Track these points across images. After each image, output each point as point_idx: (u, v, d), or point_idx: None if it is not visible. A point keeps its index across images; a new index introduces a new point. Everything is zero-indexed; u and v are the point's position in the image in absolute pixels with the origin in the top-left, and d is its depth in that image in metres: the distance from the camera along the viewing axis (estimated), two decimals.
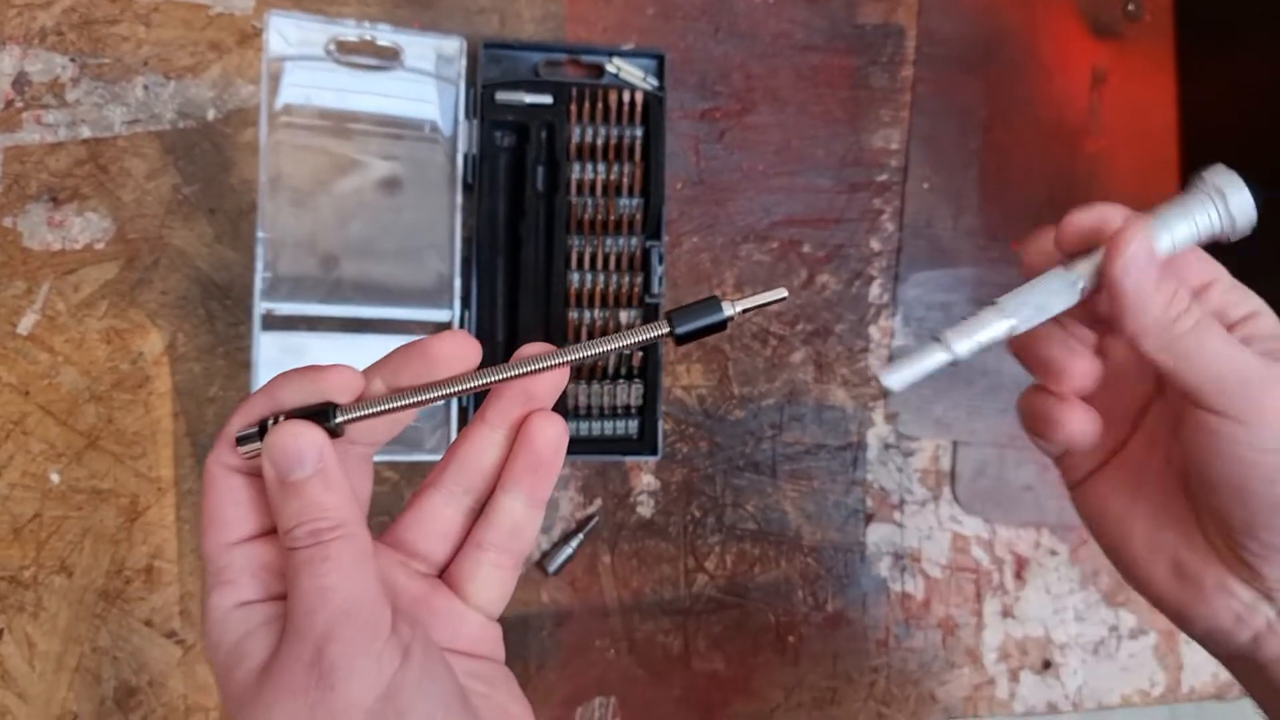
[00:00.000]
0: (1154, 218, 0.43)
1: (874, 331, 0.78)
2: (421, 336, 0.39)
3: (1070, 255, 0.44)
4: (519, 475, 0.41)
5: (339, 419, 0.37)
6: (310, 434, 0.37)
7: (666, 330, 0.38)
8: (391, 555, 0.42)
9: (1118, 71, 0.83)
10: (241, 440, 0.37)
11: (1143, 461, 0.48)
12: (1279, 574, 0.43)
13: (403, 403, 0.38)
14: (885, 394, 0.41)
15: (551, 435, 0.41)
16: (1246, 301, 0.46)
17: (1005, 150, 0.81)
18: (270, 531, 0.39)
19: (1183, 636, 0.81)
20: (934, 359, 0.41)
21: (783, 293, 0.38)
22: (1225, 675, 0.82)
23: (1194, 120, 0.84)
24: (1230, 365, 0.42)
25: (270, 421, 0.37)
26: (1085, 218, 0.44)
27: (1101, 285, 0.43)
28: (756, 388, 0.76)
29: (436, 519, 0.42)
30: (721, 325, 0.39)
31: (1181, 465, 0.47)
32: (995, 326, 0.42)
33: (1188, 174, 0.83)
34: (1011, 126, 0.81)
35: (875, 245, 0.79)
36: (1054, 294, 0.42)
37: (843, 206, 0.78)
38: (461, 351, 0.38)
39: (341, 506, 0.37)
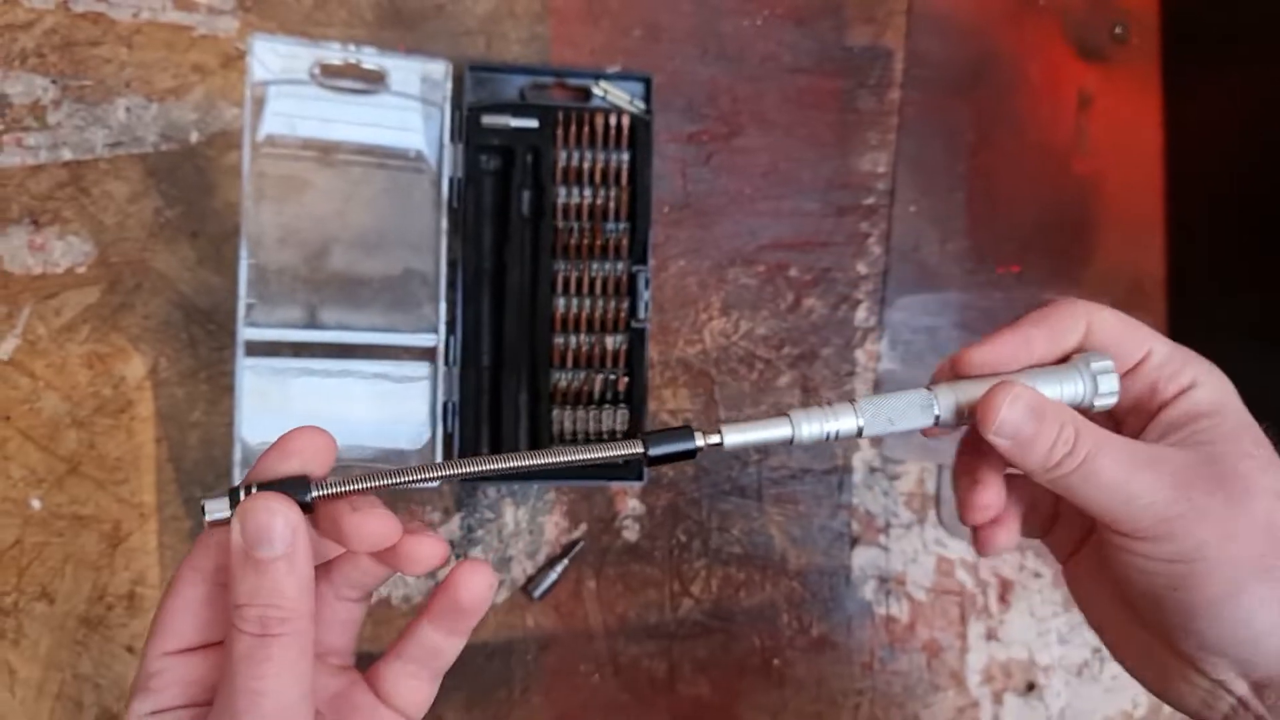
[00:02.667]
0: (1026, 376, 0.44)
1: (860, 355, 0.78)
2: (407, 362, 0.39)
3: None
4: (439, 614, 0.41)
5: (314, 494, 0.37)
6: (287, 511, 0.36)
7: (640, 450, 0.39)
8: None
9: (1105, 94, 0.83)
10: (210, 508, 0.36)
11: (1104, 552, 0.48)
12: (1222, 671, 0.44)
13: (380, 483, 0.38)
14: (715, 446, 0.42)
15: (477, 589, 0.40)
16: (1185, 371, 0.46)
17: (993, 173, 0.81)
18: (209, 645, 0.39)
19: None
20: (776, 433, 0.43)
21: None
22: None
23: (1180, 142, 0.84)
24: (1124, 493, 0.43)
25: (243, 491, 0.36)
26: (979, 360, 0.45)
27: (961, 420, 0.44)
28: (742, 412, 0.76)
29: (337, 615, 0.42)
30: (691, 454, 0.41)
31: None
32: (843, 422, 0.43)
33: (1174, 195, 0.83)
34: (999, 149, 0.81)
35: (862, 269, 0.79)
36: (908, 413, 0.43)
37: (830, 230, 0.78)
38: (314, 444, 0.39)
39: (299, 597, 0.36)
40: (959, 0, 0.81)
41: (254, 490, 0.36)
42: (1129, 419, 0.48)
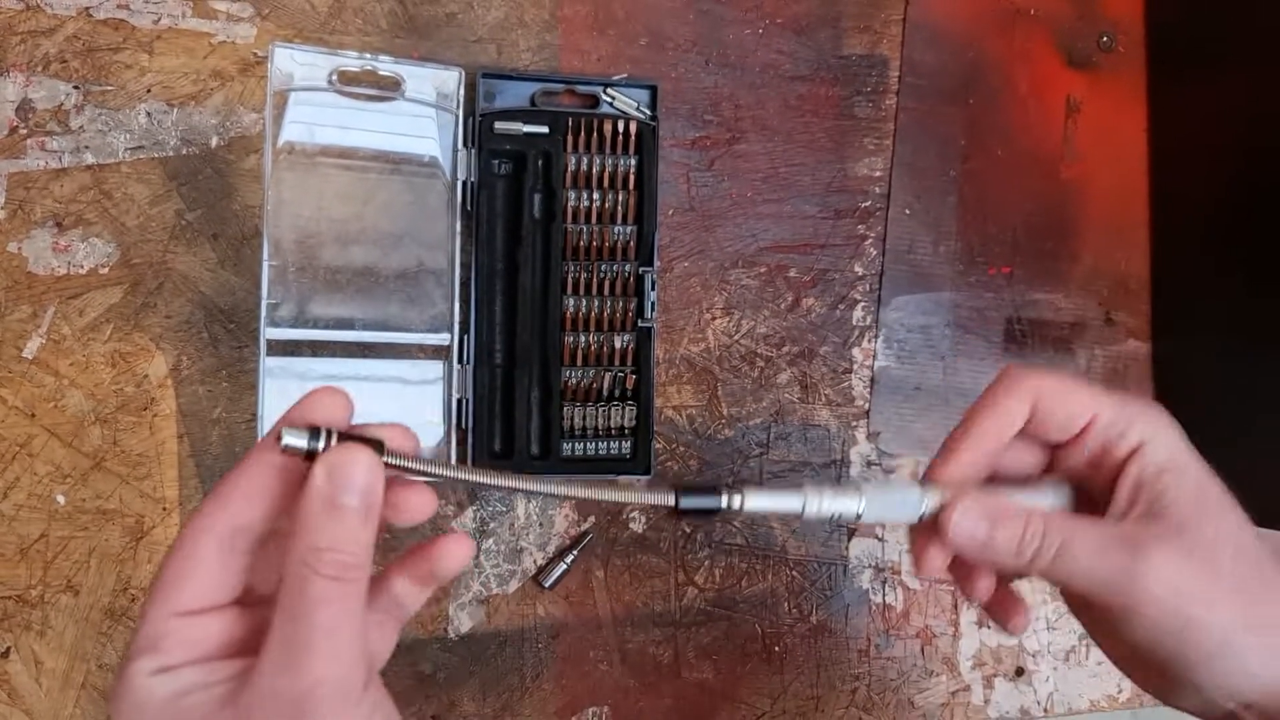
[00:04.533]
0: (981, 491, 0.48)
1: (857, 353, 0.81)
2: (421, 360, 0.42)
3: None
4: (417, 571, 0.44)
5: (385, 459, 0.38)
6: (372, 464, 0.38)
7: (672, 503, 0.44)
8: None
9: (1092, 101, 0.86)
10: (289, 438, 0.37)
11: None
12: (1220, 701, 0.46)
13: (442, 472, 0.40)
14: (736, 511, 0.46)
15: (458, 559, 0.44)
16: (1132, 430, 0.48)
17: (984, 177, 0.84)
18: (219, 607, 0.39)
19: None
20: (788, 505, 0.46)
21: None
22: None
23: (1164, 148, 0.87)
24: (1101, 577, 0.46)
25: (325, 434, 0.38)
26: (945, 478, 0.49)
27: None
28: (744, 408, 0.79)
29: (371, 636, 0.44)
30: (715, 512, 0.44)
31: None
32: (845, 505, 0.47)
33: (1158, 199, 0.86)
34: (990, 154, 0.84)
35: (858, 270, 0.82)
36: (901, 508, 0.48)
37: (828, 232, 0.81)
38: (336, 403, 0.41)
39: (368, 549, 0.38)
40: (952, 10, 0.84)
41: (334, 438, 0.38)
42: (1092, 486, 0.51)
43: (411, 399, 0.71)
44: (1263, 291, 0.77)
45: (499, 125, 0.72)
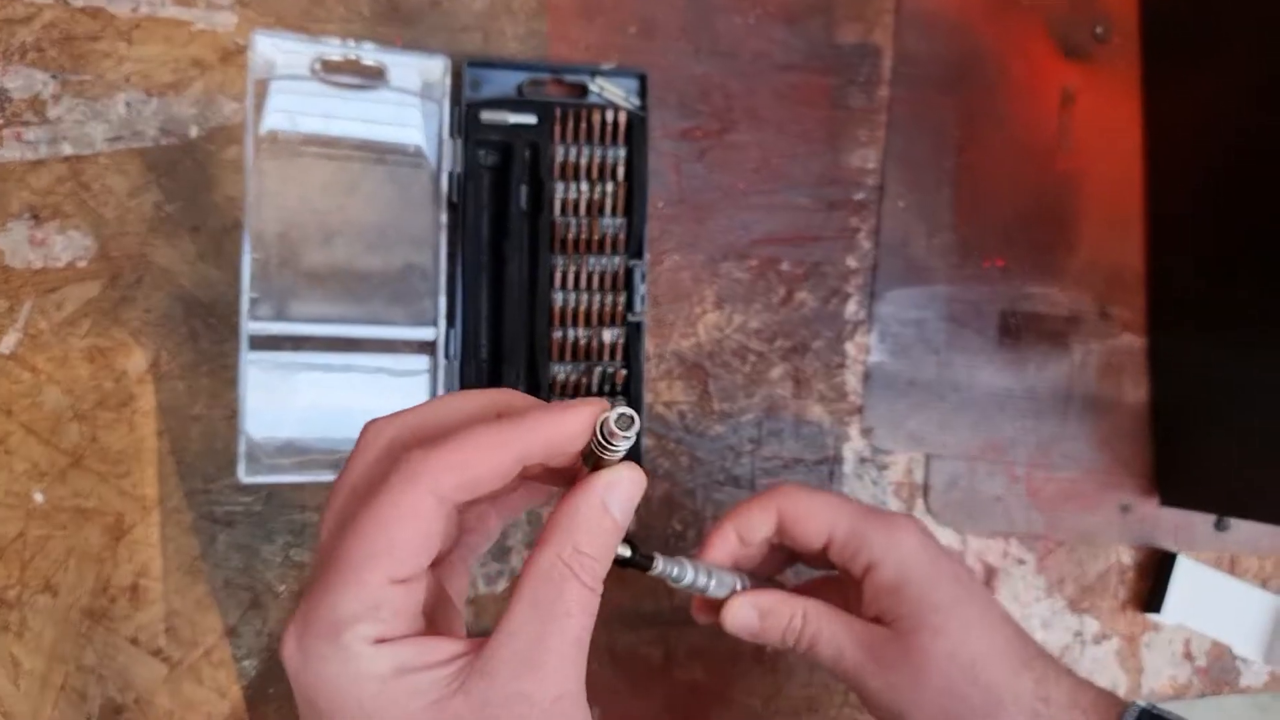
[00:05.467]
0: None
1: (850, 348, 0.80)
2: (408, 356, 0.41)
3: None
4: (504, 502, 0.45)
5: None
6: (642, 482, 0.39)
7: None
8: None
9: (1087, 92, 0.85)
10: (616, 432, 0.37)
11: None
12: None
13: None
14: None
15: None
16: (861, 554, 0.58)
17: (978, 169, 0.83)
18: (418, 576, 0.37)
19: (1144, 641, 0.83)
20: (662, 568, 0.54)
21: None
22: (1182, 678, 0.86)
23: (1159, 138, 0.86)
24: (839, 668, 0.58)
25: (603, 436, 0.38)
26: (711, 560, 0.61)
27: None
28: (736, 403, 0.77)
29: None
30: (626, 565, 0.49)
31: None
32: (697, 579, 0.57)
33: (1154, 190, 0.85)
34: (985, 146, 0.83)
35: (852, 263, 0.80)
36: (724, 588, 0.59)
37: (820, 224, 0.80)
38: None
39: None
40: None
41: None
42: (851, 586, 0.61)
43: (397, 392, 0.70)
44: (1260, 284, 0.76)
45: (485, 115, 0.71)
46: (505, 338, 0.72)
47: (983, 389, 0.82)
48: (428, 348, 0.70)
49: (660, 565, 0.53)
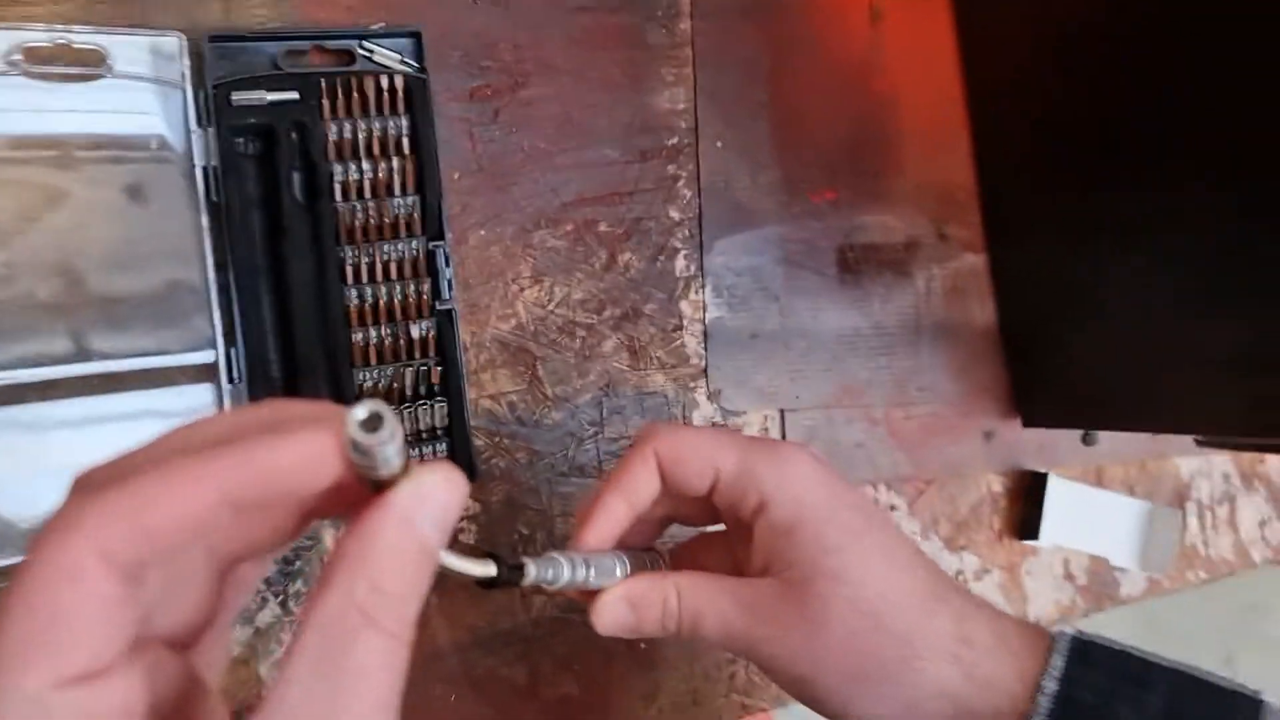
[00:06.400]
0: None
1: (685, 307, 0.73)
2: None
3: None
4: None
5: None
6: (465, 497, 0.31)
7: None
8: None
9: (894, 8, 0.80)
10: (364, 442, 0.28)
11: None
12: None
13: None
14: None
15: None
16: (751, 491, 0.49)
17: (793, 98, 0.77)
18: (114, 665, 0.27)
19: (1024, 569, 0.81)
20: (535, 574, 0.45)
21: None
22: (1065, 599, 0.83)
23: (974, 50, 0.82)
24: (730, 640, 0.49)
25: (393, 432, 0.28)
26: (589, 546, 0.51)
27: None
28: (570, 385, 0.70)
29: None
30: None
31: None
32: (575, 575, 0.47)
33: (975, 104, 0.81)
34: (797, 72, 0.77)
35: (675, 214, 0.74)
36: (605, 575, 0.50)
37: (636, 177, 0.73)
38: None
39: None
40: None
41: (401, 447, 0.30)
42: (739, 538, 0.52)
43: None
44: (1093, 186, 0.73)
45: (237, 96, 0.61)
46: (298, 349, 0.63)
47: (830, 332, 0.77)
48: (208, 373, 0.61)
49: (533, 572, 0.44)
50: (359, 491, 0.30)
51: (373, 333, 0.64)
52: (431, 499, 0.29)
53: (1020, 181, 0.80)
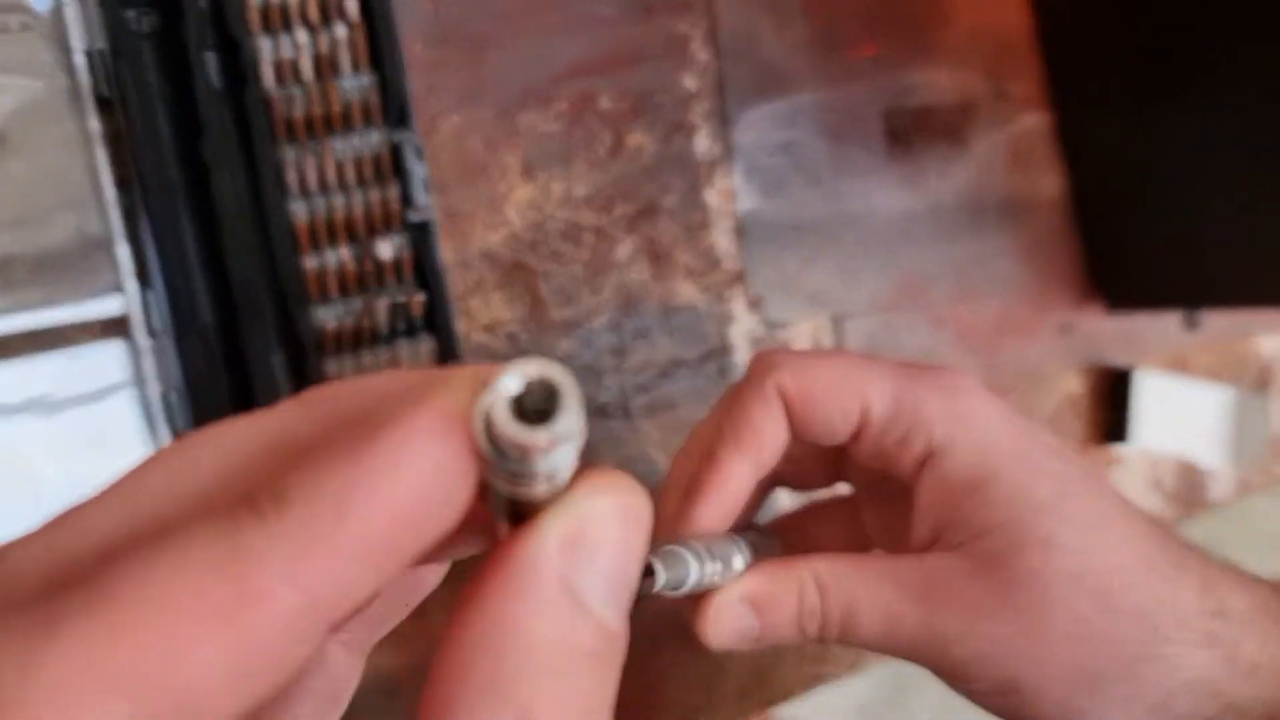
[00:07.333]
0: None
1: (711, 197, 0.59)
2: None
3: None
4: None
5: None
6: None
7: None
8: None
9: None
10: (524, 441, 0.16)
11: None
12: None
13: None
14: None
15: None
16: (916, 435, 0.37)
17: None
18: None
19: (1112, 480, 0.70)
20: (664, 581, 0.33)
21: None
22: (1155, 510, 0.73)
23: None
24: (898, 643, 0.37)
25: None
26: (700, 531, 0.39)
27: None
28: (581, 305, 0.56)
29: None
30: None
31: None
32: (704, 574, 0.35)
33: None
34: None
35: (690, 84, 0.59)
36: (727, 569, 0.37)
37: (639, 38, 0.58)
38: None
39: None
40: None
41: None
42: (878, 502, 0.42)
43: (79, 424, 0.45)
44: (1170, 35, 0.60)
45: None
46: (235, 286, 0.48)
47: (882, 217, 0.63)
48: (117, 328, 0.46)
49: (664, 576, 0.33)
50: (479, 512, 0.18)
51: (330, 256, 0.49)
52: (601, 544, 0.18)
53: (1088, 25, 0.67)
